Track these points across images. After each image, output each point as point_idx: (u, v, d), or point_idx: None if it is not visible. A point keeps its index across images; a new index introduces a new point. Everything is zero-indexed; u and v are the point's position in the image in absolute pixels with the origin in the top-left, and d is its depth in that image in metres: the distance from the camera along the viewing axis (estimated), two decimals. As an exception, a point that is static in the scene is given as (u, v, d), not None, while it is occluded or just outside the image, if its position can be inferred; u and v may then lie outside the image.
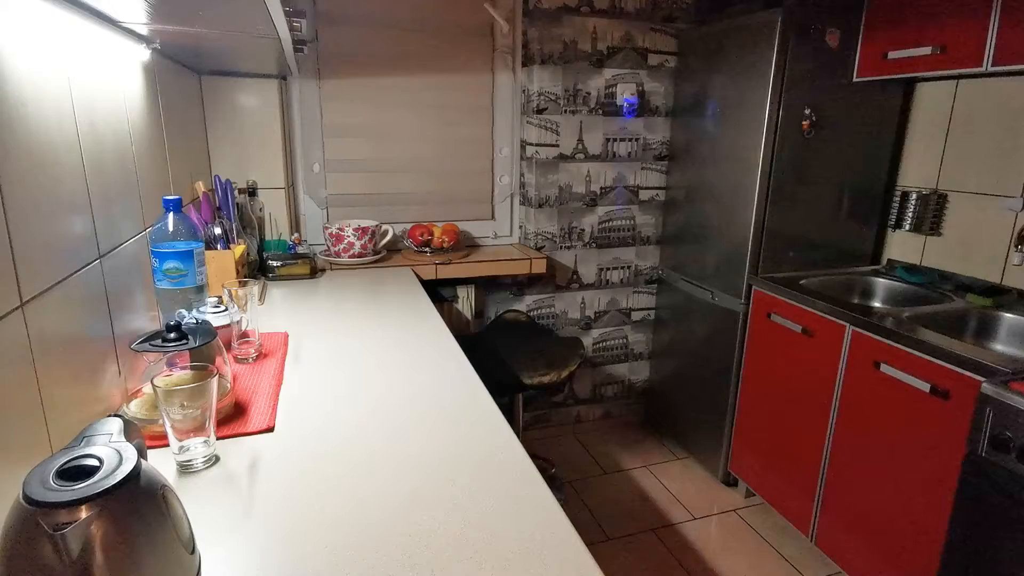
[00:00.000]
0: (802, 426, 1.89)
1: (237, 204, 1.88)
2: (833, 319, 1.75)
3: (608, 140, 2.45)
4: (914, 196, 2.05)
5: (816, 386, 1.82)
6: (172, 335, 0.95)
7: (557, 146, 2.39)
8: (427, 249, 2.20)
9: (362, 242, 2.06)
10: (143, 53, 1.32)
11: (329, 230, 2.05)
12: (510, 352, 2.06)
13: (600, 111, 2.41)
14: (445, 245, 2.20)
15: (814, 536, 1.87)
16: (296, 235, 2.07)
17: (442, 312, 2.26)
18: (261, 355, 1.28)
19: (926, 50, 1.71)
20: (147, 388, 1.00)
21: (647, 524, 2.10)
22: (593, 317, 2.63)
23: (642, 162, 2.52)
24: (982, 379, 1.32)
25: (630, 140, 2.48)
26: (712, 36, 2.20)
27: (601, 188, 2.49)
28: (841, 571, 1.80)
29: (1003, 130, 1.82)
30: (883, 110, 2.09)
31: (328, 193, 2.25)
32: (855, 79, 1.97)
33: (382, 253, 2.18)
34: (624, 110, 2.42)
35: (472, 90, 2.32)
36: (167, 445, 0.85)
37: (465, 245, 2.39)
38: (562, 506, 2.15)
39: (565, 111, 2.36)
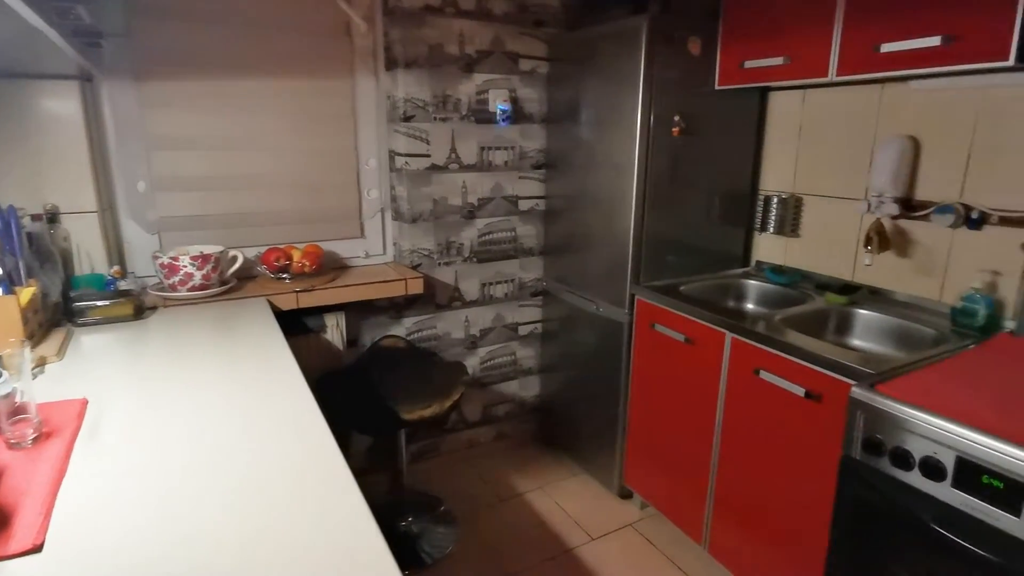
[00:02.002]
0: (690, 435, 1.88)
1: (30, 235, 1.52)
2: (713, 327, 1.74)
3: (483, 149, 2.33)
4: (775, 200, 2.13)
5: (701, 394, 1.82)
6: None
7: (428, 156, 2.22)
8: (285, 275, 1.94)
9: (203, 272, 1.77)
10: None
11: (160, 260, 1.73)
12: (388, 384, 1.87)
13: (472, 118, 2.28)
14: (307, 269, 1.96)
15: (707, 544, 1.86)
16: (116, 268, 1.73)
17: (308, 345, 2.01)
18: (43, 435, 0.99)
19: (777, 60, 1.76)
20: None
21: (545, 553, 2.00)
22: (479, 335, 2.50)
23: (519, 171, 2.43)
24: (851, 382, 1.34)
25: (506, 148, 2.38)
26: (582, 42, 2.15)
27: (479, 199, 2.36)
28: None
29: (848, 136, 1.92)
30: (744, 117, 2.16)
31: (159, 216, 1.91)
32: (717, 87, 2.00)
33: (231, 283, 1.89)
34: (498, 117, 2.31)
35: (330, 96, 2.10)
36: None
37: (331, 268, 2.16)
38: (455, 545, 2.01)
39: (435, 118, 2.21)
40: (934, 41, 1.38)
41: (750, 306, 2.12)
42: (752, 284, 2.12)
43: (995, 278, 1.60)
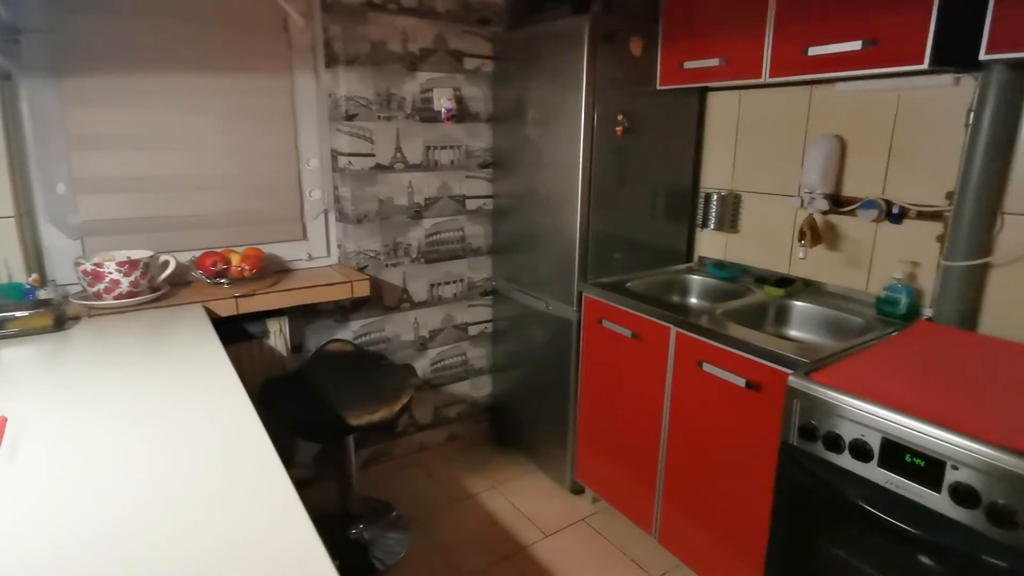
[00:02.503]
0: (639, 428, 1.92)
1: (-67, 242, 1.40)
2: (658, 322, 1.78)
3: (429, 148, 2.30)
4: (715, 197, 2.20)
5: (649, 388, 1.85)
6: None
7: (373, 155, 2.18)
8: (224, 280, 1.86)
9: (131, 278, 1.67)
10: None
11: (83, 266, 1.63)
12: (335, 389, 1.82)
13: (417, 117, 2.25)
14: (247, 274, 1.88)
15: (657, 534, 1.90)
16: (35, 276, 1.62)
17: (249, 352, 1.94)
18: (-51, 460, 0.91)
19: (714, 61, 1.81)
20: None
21: (500, 552, 2.00)
22: (428, 336, 2.47)
23: (466, 170, 2.41)
24: (788, 371, 1.40)
25: (452, 148, 2.36)
26: (526, 41, 2.16)
27: (426, 199, 2.34)
28: (681, 564, 1.85)
29: (781, 136, 2.00)
30: (685, 116, 2.21)
31: (82, 220, 1.80)
32: (659, 87, 2.05)
33: (164, 289, 1.80)
34: (443, 116, 2.29)
35: (268, 93, 2.02)
36: None
37: (273, 271, 2.09)
38: (407, 550, 1.98)
39: (379, 117, 2.17)
40: (856, 45, 1.45)
41: (694, 300, 2.18)
42: (695, 279, 2.18)
43: (914, 269, 1.70)
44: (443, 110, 2.28)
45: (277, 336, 2.00)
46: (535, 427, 2.41)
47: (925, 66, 1.35)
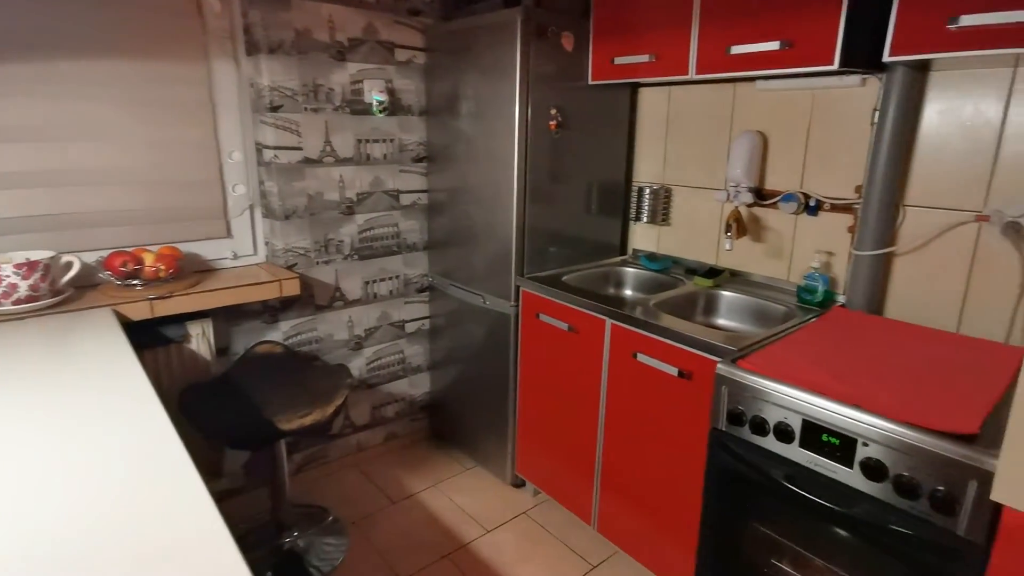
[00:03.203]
0: (577, 420, 1.94)
1: None
2: (594, 315, 1.80)
3: (360, 141, 2.23)
4: (647, 191, 2.25)
5: (586, 379, 1.88)
6: None
7: (301, 149, 2.09)
8: (136, 282, 1.74)
9: (31, 281, 1.53)
10: None
11: (-28, 269, 1.48)
12: (263, 393, 1.74)
13: (348, 109, 2.18)
14: (163, 274, 1.77)
15: (596, 523, 1.94)
16: (-87, 281, 1.45)
17: (168, 357, 1.82)
18: None
19: (644, 57, 1.85)
20: None
21: (440, 551, 1.98)
22: (364, 335, 2.40)
23: (400, 164, 2.36)
24: (716, 359, 1.45)
25: (384, 141, 2.30)
26: (459, 33, 2.13)
27: (358, 194, 2.27)
28: (620, 551, 1.89)
29: (708, 131, 2.07)
30: (617, 111, 2.25)
31: (-30, 217, 1.63)
32: (591, 82, 2.07)
33: (67, 292, 1.66)
34: (375, 109, 2.23)
35: (182, 82, 1.90)
36: None
37: (193, 272, 1.97)
38: (345, 555, 1.92)
39: (306, 109, 2.08)
40: (774, 46, 1.52)
41: (628, 292, 2.22)
42: (629, 271, 2.23)
43: (829, 258, 1.80)
44: (374, 102, 2.21)
45: (200, 340, 1.89)
46: (475, 423, 2.40)
47: (835, 67, 1.42)
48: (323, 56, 2.08)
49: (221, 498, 2.11)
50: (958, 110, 1.50)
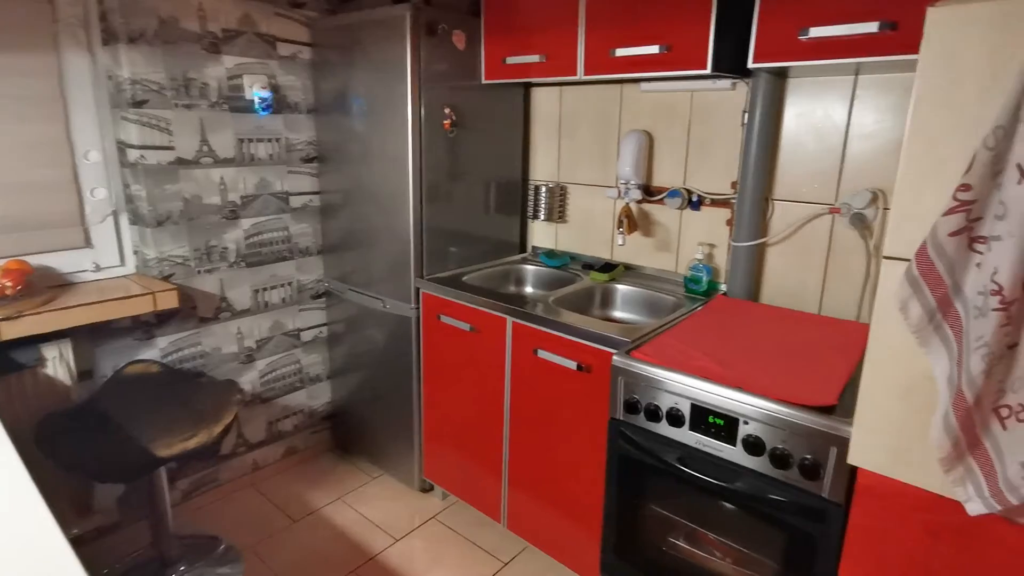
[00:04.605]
0: (482, 419, 1.94)
1: None
2: (496, 313, 1.81)
3: (243, 141, 2.09)
4: (543, 189, 2.29)
5: (490, 379, 1.88)
6: None
7: (172, 148, 1.92)
8: (-27, 300, 1.51)
9: None
10: None
11: None
12: (137, 418, 1.58)
13: (226, 106, 2.03)
14: (8, 291, 1.55)
15: (505, 521, 1.95)
16: None
17: (19, 385, 1.61)
18: None
19: (534, 58, 1.88)
20: None
21: (347, 567, 1.90)
22: (255, 347, 2.26)
23: (288, 165, 2.24)
24: (612, 351, 1.50)
25: (270, 141, 2.17)
26: (345, 28, 2.05)
27: (242, 197, 2.12)
28: (530, 546, 1.92)
29: (599, 130, 2.14)
30: (512, 110, 2.27)
31: None
32: (484, 81, 2.07)
33: None
34: (256, 106, 2.09)
35: (25, 73, 1.68)
36: None
37: (47, 287, 1.74)
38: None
39: (177, 105, 1.91)
40: (654, 49, 1.59)
41: (529, 290, 2.25)
42: (529, 269, 2.26)
43: (712, 250, 1.93)
44: (256, 99, 2.08)
45: (57, 363, 1.68)
46: (380, 430, 2.33)
47: (708, 71, 1.52)
48: (194, 47, 1.92)
49: (94, 537, 1.89)
50: (811, 114, 1.66)
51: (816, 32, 1.32)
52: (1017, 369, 0.82)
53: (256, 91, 2.08)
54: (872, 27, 1.25)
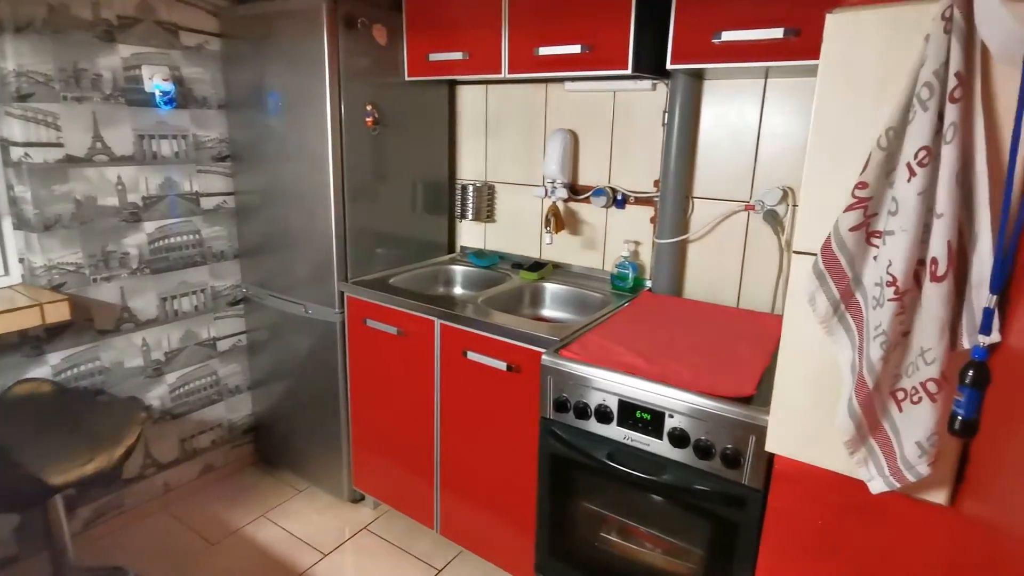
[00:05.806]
0: (413, 425, 1.89)
1: None
2: (423, 316, 1.77)
3: (143, 137, 1.94)
4: (471, 188, 2.26)
5: (419, 383, 1.83)
6: None
7: (61, 145, 1.75)
8: None
9: None
10: None
11: None
12: (25, 443, 1.43)
13: (122, 99, 1.87)
14: None
15: (438, 527, 1.91)
16: None
17: None
18: None
19: (458, 55, 1.84)
20: None
21: (273, 587, 1.81)
22: (164, 359, 2.10)
23: (197, 164, 2.09)
24: (541, 351, 1.50)
25: (175, 137, 2.02)
26: (257, 19, 1.94)
27: (144, 198, 1.97)
28: (464, 551, 1.89)
29: (525, 129, 2.14)
30: (436, 108, 2.23)
31: None
32: (407, 78, 2.02)
33: None
34: (158, 99, 1.95)
35: None
36: None
37: (-91, 299, 1.55)
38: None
39: (66, 98, 1.75)
40: (576, 49, 1.60)
41: (458, 291, 2.22)
42: (458, 269, 2.23)
43: (636, 247, 1.97)
44: (156, 92, 1.93)
45: (-75, 386, 1.49)
46: (306, 441, 2.23)
47: (629, 72, 1.55)
48: (86, 36, 1.76)
49: (-23, 578, 1.70)
50: (727, 115, 1.72)
51: (728, 36, 1.37)
52: (910, 355, 0.87)
53: (157, 83, 1.93)
54: (778, 33, 1.31)
